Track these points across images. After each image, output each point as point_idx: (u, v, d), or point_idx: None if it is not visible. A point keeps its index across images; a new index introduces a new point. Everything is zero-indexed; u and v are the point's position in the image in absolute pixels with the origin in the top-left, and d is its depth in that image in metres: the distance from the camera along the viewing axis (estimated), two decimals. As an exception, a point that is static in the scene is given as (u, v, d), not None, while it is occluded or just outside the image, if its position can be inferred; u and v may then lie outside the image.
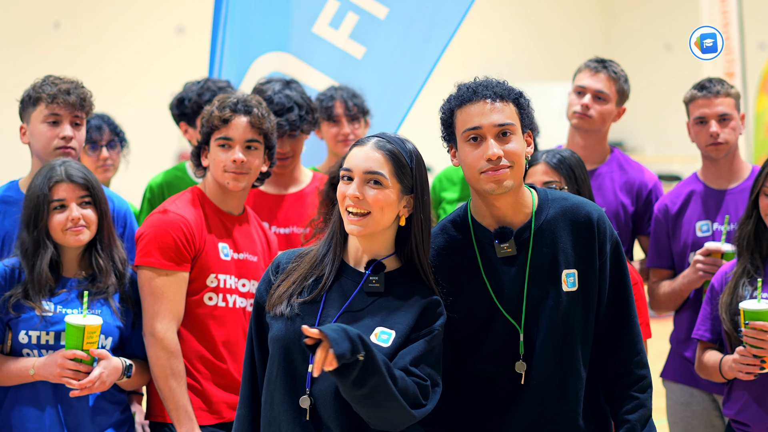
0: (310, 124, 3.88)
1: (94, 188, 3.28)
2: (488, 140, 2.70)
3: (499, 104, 2.73)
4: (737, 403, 3.40)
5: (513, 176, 2.72)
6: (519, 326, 2.76)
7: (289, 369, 2.66)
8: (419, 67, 4.41)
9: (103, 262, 3.28)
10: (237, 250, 3.44)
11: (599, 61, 4.19)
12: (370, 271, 2.69)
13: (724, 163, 3.95)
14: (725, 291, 3.41)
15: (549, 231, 2.79)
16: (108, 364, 3.14)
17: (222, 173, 3.37)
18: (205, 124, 3.39)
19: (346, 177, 2.68)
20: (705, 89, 3.90)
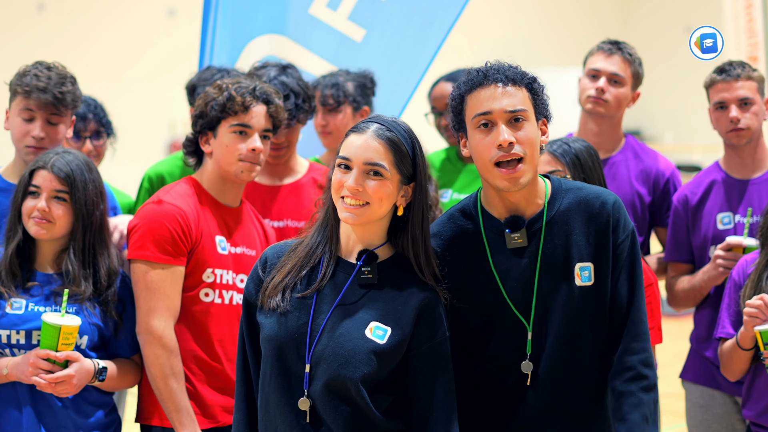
0: (306, 113, 3.84)
1: (75, 186, 3.25)
2: (499, 126, 2.70)
3: (511, 89, 2.72)
4: (759, 404, 3.39)
5: (527, 170, 2.71)
6: (528, 323, 2.76)
7: (284, 369, 2.67)
8: (422, 50, 4.39)
9: (74, 269, 3.26)
10: (234, 244, 3.43)
11: (613, 42, 4.19)
12: (362, 261, 2.70)
13: (747, 152, 3.93)
14: (747, 284, 3.39)
15: (562, 222, 2.78)
16: (80, 367, 3.14)
17: (236, 162, 3.36)
18: (217, 107, 3.35)
19: (343, 165, 2.68)
20: (725, 72, 3.89)
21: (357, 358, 2.62)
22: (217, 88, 3.39)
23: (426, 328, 2.69)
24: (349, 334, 2.64)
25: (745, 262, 3.51)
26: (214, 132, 3.39)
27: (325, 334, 2.65)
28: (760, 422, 3.40)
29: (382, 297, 2.69)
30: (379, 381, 2.67)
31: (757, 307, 3.21)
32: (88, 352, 3.23)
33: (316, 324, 2.67)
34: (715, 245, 3.89)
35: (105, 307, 3.27)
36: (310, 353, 2.64)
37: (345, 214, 2.66)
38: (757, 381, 3.40)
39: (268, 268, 2.76)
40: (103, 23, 11.52)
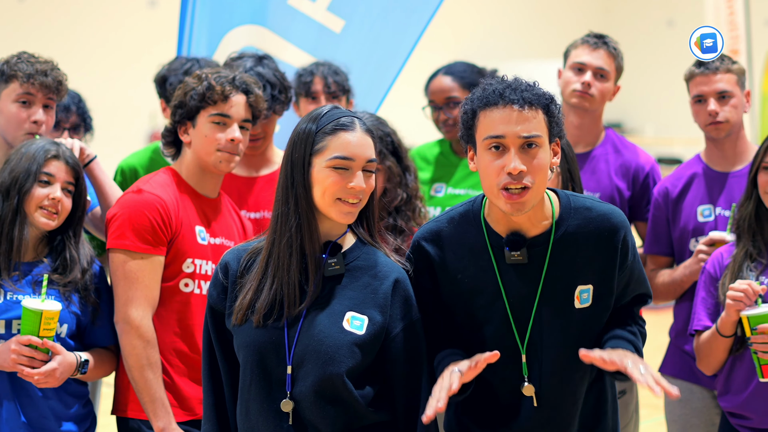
0: (283, 104, 3.83)
1: (81, 179, 3.28)
2: (510, 152, 2.61)
3: (528, 112, 2.61)
4: (740, 394, 3.38)
5: (533, 197, 2.64)
6: (522, 345, 2.73)
7: (265, 375, 2.65)
8: (402, 41, 4.36)
9: (74, 254, 3.26)
10: (213, 235, 3.41)
11: (598, 36, 4.17)
12: (327, 254, 2.68)
13: (727, 144, 3.92)
14: (726, 275, 3.39)
15: (568, 244, 2.73)
16: (63, 360, 3.12)
17: (214, 152, 3.34)
18: (196, 97, 3.33)
19: (344, 167, 2.63)
20: (704, 65, 3.87)
21: (340, 353, 2.61)
22: (197, 78, 3.37)
23: (400, 308, 2.70)
24: (328, 330, 2.63)
25: (720, 254, 3.50)
26: (193, 122, 3.37)
27: (303, 333, 2.63)
28: (742, 412, 3.39)
29: (352, 285, 2.68)
30: (363, 372, 2.66)
31: (743, 291, 3.19)
32: (68, 340, 3.22)
33: (293, 325, 2.64)
34: (695, 238, 3.88)
35: (84, 293, 3.25)
36: (291, 355, 2.62)
37: (345, 215, 2.65)
38: (736, 371, 3.39)
39: (231, 275, 2.73)
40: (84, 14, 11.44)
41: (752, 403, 3.36)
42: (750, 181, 3.46)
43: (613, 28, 14.56)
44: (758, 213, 3.44)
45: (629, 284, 2.83)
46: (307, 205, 2.66)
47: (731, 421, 3.44)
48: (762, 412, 3.34)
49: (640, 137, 14.56)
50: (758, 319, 3.17)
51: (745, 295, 3.19)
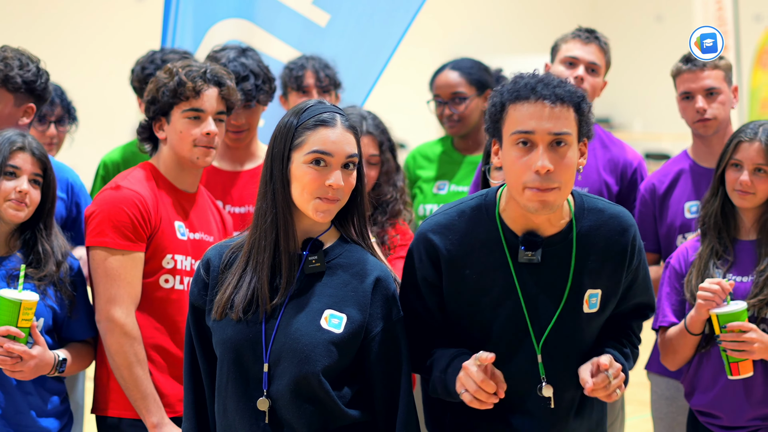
0: (267, 95, 3.79)
1: (49, 170, 3.22)
2: (539, 149, 2.53)
3: (559, 109, 2.54)
4: (709, 392, 3.37)
5: (560, 197, 2.57)
6: (537, 345, 2.68)
7: (241, 372, 2.61)
8: (387, 35, 4.34)
9: (48, 248, 3.21)
10: (193, 230, 3.37)
11: (589, 30, 4.14)
12: (308, 251, 2.64)
13: (715, 141, 3.88)
14: (692, 272, 3.37)
15: (580, 245, 2.68)
16: (41, 353, 3.07)
17: (191, 148, 3.30)
18: (168, 93, 3.28)
19: (322, 161, 2.58)
20: (690, 62, 3.84)
21: (316, 352, 2.57)
22: (168, 73, 3.32)
23: (381, 307, 2.65)
24: (305, 328, 2.59)
25: (686, 249, 3.48)
26: (167, 118, 3.33)
27: (281, 330, 2.59)
28: (710, 411, 3.38)
29: (332, 283, 2.63)
30: (341, 372, 2.62)
31: (714, 291, 3.18)
32: (44, 335, 3.16)
33: (270, 322, 2.61)
34: (682, 234, 3.85)
35: (59, 286, 3.21)
36: (268, 352, 2.58)
37: (320, 214, 2.60)
38: (703, 369, 3.38)
39: (212, 271, 2.69)
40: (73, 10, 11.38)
41: (721, 402, 3.35)
42: (717, 177, 3.43)
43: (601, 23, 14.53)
44: (724, 210, 3.42)
45: (632, 288, 2.78)
46: (284, 201, 2.62)
47: (700, 419, 3.43)
48: (731, 410, 3.34)
49: (629, 132, 14.55)
50: (728, 318, 3.17)
51: (716, 294, 3.18)
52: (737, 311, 3.17)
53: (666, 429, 3.88)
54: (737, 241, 3.42)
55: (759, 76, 11.70)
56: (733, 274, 3.35)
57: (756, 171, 3.34)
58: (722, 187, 3.42)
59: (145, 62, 4.09)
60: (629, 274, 2.74)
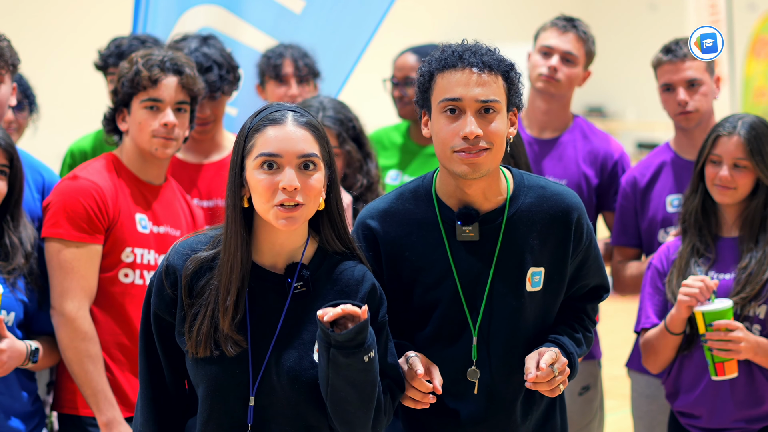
0: (231, 84, 3.70)
1: (15, 159, 3.10)
2: (467, 116, 2.50)
3: (487, 76, 2.51)
4: (691, 393, 3.31)
5: (490, 160, 2.53)
6: (474, 327, 2.61)
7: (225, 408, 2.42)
8: (363, 23, 4.27)
9: (15, 240, 3.10)
10: (157, 223, 3.28)
11: (567, 19, 4.03)
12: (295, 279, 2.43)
13: (697, 133, 3.79)
14: (673, 271, 3.31)
15: (521, 222, 2.62)
16: (11, 345, 2.97)
17: (149, 139, 3.21)
18: (127, 83, 3.21)
19: (268, 164, 2.37)
20: (671, 53, 3.75)
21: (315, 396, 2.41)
22: (129, 63, 3.24)
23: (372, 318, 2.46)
24: (299, 366, 2.40)
25: (667, 248, 3.41)
26: (128, 108, 3.24)
27: (272, 366, 2.41)
28: (692, 412, 3.32)
29: (320, 306, 2.39)
30: None
31: (698, 288, 3.12)
32: (15, 329, 3.07)
33: (257, 353, 2.41)
34: (664, 229, 3.77)
35: (29, 278, 3.12)
36: (255, 386, 2.41)
37: (282, 222, 2.37)
38: (685, 371, 3.32)
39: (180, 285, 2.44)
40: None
41: (702, 402, 3.29)
42: (697, 173, 3.36)
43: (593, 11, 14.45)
44: (705, 207, 3.36)
45: (583, 269, 2.70)
46: (234, 220, 2.41)
47: (681, 420, 3.37)
48: (712, 411, 3.28)
49: (622, 121, 14.50)
50: (714, 316, 3.11)
51: (699, 292, 3.10)
52: (723, 309, 3.12)
53: (646, 428, 3.81)
54: (719, 238, 3.36)
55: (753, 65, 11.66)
56: (715, 271, 3.29)
57: (735, 166, 3.28)
58: (702, 183, 3.36)
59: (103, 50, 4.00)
60: (577, 254, 2.66)
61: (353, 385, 2.35)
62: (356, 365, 2.32)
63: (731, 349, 3.12)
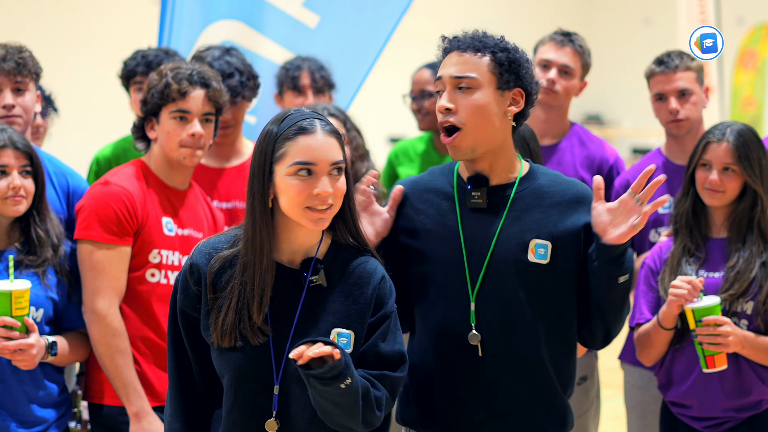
0: (252, 90, 3.71)
1: (35, 158, 3.10)
2: (444, 92, 2.55)
3: (469, 56, 2.55)
4: (682, 385, 3.29)
5: (467, 139, 2.54)
6: (472, 292, 2.58)
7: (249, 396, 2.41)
8: (374, 36, 4.27)
9: (42, 233, 3.09)
10: (182, 226, 3.27)
11: (564, 33, 4.02)
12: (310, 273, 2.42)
13: (687, 139, 3.77)
14: (665, 270, 3.29)
15: (529, 197, 2.61)
16: (38, 341, 2.96)
17: (178, 148, 3.20)
18: (157, 95, 3.20)
19: (305, 171, 2.35)
20: (663, 64, 3.75)
21: None
22: (158, 75, 3.23)
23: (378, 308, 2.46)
24: None
25: (660, 248, 3.39)
26: (157, 118, 3.23)
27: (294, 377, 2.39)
28: (683, 402, 3.30)
29: (334, 297, 2.42)
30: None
31: (687, 289, 3.09)
32: (44, 326, 3.06)
33: (278, 343, 2.40)
34: (655, 229, 3.75)
35: (58, 269, 3.10)
36: (279, 375, 2.39)
37: (315, 222, 2.37)
38: (677, 363, 3.30)
39: (203, 281, 2.43)
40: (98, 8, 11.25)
41: (693, 393, 3.27)
42: (687, 178, 3.34)
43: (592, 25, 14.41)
44: (695, 209, 3.33)
45: None
46: (263, 221, 2.39)
47: (673, 410, 3.35)
48: (702, 401, 3.26)
49: (618, 128, 14.46)
50: (703, 312, 3.09)
51: (687, 292, 3.08)
52: (712, 306, 3.10)
53: (638, 417, 3.78)
54: (708, 238, 3.33)
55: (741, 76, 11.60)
56: (705, 270, 3.28)
57: (724, 170, 3.26)
58: (693, 187, 3.34)
59: (128, 60, 4.00)
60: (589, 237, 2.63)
61: (334, 404, 2.34)
62: (334, 391, 2.31)
63: (720, 343, 3.10)
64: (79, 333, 3.18)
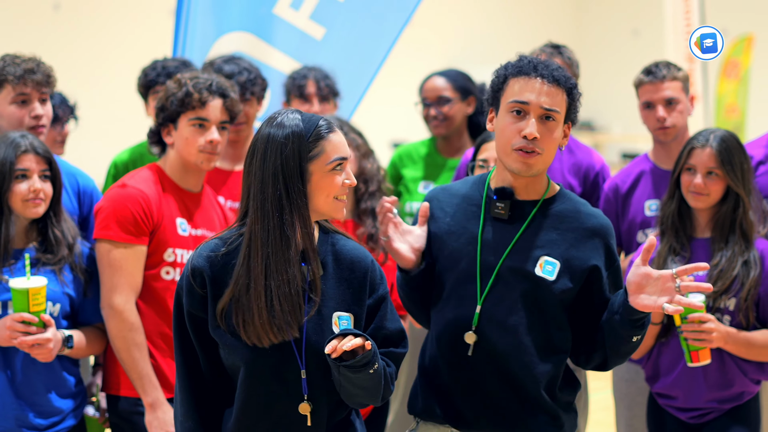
0: (261, 89, 3.73)
1: (53, 163, 3.11)
2: (530, 118, 2.56)
3: (553, 88, 2.58)
4: (666, 378, 3.29)
5: (541, 163, 2.59)
6: (480, 294, 2.59)
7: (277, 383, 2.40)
8: (377, 47, 4.26)
9: (58, 233, 3.10)
10: (195, 226, 3.27)
11: (554, 46, 4.00)
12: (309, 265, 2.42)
13: (673, 146, 3.76)
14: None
15: (549, 218, 2.63)
16: (55, 335, 2.96)
17: (196, 153, 3.20)
18: (176, 102, 3.19)
19: (341, 165, 2.40)
20: (651, 74, 3.74)
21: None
22: (177, 83, 3.23)
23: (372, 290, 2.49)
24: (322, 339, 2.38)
25: None
26: (174, 124, 3.22)
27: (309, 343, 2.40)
28: (669, 393, 3.30)
29: (330, 282, 2.44)
30: None
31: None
32: (61, 320, 3.07)
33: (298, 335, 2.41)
34: (642, 230, 3.74)
35: (74, 266, 3.11)
36: (303, 360, 2.39)
37: (341, 213, 2.42)
38: (663, 357, 3.31)
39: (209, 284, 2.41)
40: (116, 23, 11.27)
41: (678, 385, 3.27)
42: (673, 181, 3.35)
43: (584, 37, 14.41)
44: (681, 211, 3.34)
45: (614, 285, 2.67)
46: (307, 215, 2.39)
47: (659, 401, 3.36)
48: (687, 393, 3.27)
49: (609, 134, 14.45)
50: (688, 309, 3.07)
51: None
52: (696, 303, 3.04)
53: (626, 408, 3.78)
54: (693, 239, 3.34)
55: (724, 85, 11.56)
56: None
57: (708, 174, 3.27)
58: (678, 190, 3.35)
59: (148, 70, 4.01)
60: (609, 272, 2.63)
61: (361, 387, 2.38)
62: (363, 377, 2.34)
63: (704, 338, 3.10)
64: (95, 327, 3.18)
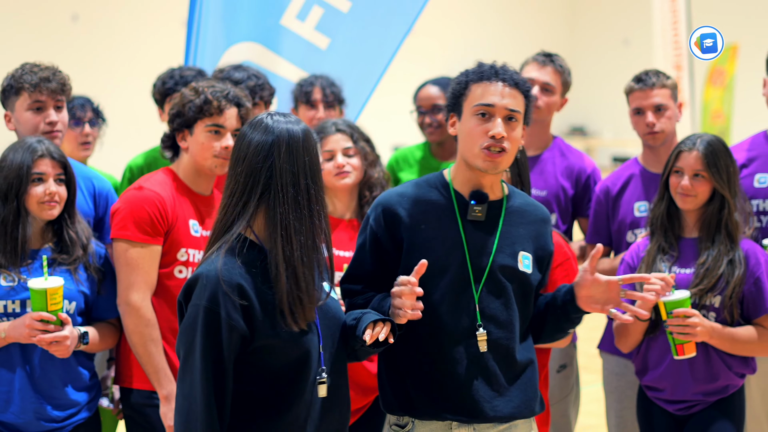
0: (269, 93, 3.75)
1: (68, 167, 3.13)
2: (496, 119, 2.61)
3: (514, 91, 2.63)
4: (656, 370, 3.30)
5: (506, 161, 2.65)
6: (476, 293, 2.61)
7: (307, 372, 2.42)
8: (379, 56, 4.29)
9: (73, 234, 3.11)
10: (206, 228, 3.27)
11: (546, 54, 4.03)
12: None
13: (662, 150, 3.78)
14: (641, 267, 3.32)
15: (514, 214, 2.70)
16: (71, 332, 2.97)
17: (211, 158, 3.21)
18: (194, 109, 3.19)
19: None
20: (641, 82, 3.76)
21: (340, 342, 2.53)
22: (193, 91, 3.23)
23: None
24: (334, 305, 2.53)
25: (638, 246, 3.41)
26: (190, 130, 3.23)
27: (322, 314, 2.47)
28: (656, 386, 3.31)
29: None
30: None
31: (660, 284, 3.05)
32: (76, 317, 3.08)
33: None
34: (632, 230, 3.76)
35: (88, 265, 3.12)
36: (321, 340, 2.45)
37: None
38: (651, 351, 3.32)
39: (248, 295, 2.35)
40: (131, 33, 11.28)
41: (666, 378, 3.28)
42: (662, 183, 3.36)
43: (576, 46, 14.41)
44: (669, 212, 3.35)
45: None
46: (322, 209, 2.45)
47: (648, 393, 3.37)
48: (674, 385, 3.28)
49: (600, 139, 14.47)
50: (673, 305, 3.11)
51: (660, 287, 3.06)
52: (682, 299, 3.12)
53: (616, 400, 3.78)
54: (681, 238, 3.35)
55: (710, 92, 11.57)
56: (678, 267, 3.29)
57: (695, 176, 3.28)
58: (667, 192, 3.36)
59: (165, 78, 4.01)
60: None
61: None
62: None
63: (689, 333, 3.11)
64: (108, 323, 3.19)
